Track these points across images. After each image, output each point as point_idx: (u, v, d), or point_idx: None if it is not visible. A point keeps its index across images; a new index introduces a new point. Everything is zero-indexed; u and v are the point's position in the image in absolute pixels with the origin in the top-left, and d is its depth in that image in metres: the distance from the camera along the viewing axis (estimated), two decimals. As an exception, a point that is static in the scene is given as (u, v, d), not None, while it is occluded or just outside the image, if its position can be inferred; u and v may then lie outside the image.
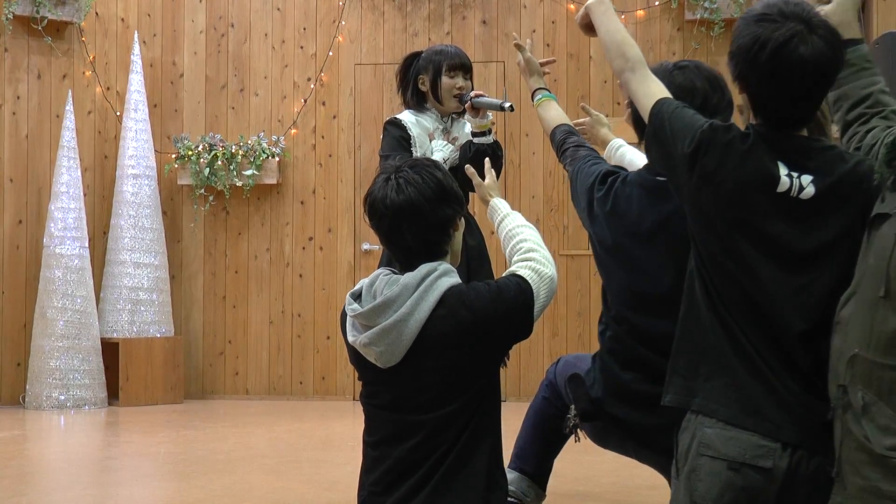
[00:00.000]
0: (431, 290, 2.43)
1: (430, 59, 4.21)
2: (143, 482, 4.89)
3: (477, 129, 4.10)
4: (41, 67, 7.81)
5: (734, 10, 7.63)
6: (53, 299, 7.35)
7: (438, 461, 2.44)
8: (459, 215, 2.56)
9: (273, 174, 8.02)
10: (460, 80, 4.16)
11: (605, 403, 2.92)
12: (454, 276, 2.50)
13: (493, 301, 2.45)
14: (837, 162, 2.34)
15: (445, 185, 2.52)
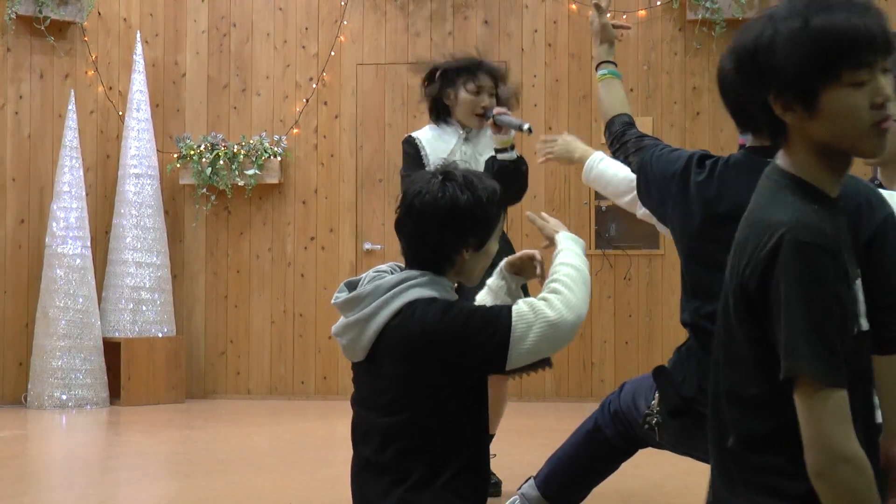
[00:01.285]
0: (397, 297, 2.37)
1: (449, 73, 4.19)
2: (144, 482, 4.89)
3: (499, 146, 4.10)
4: (43, 67, 7.82)
5: (735, 9, 7.63)
6: (55, 299, 7.35)
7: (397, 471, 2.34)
8: (466, 245, 2.41)
9: (275, 174, 8.03)
10: (485, 99, 4.16)
11: (697, 402, 2.67)
12: (430, 289, 2.38)
13: (446, 321, 2.30)
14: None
15: (462, 209, 2.38)
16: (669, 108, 7.91)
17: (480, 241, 2.44)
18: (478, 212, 2.41)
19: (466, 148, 4.21)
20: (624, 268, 7.87)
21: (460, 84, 4.15)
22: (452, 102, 4.18)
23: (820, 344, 1.76)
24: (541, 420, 6.81)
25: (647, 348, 7.84)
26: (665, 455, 5.23)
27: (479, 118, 4.16)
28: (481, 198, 2.41)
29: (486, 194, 2.42)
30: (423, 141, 4.18)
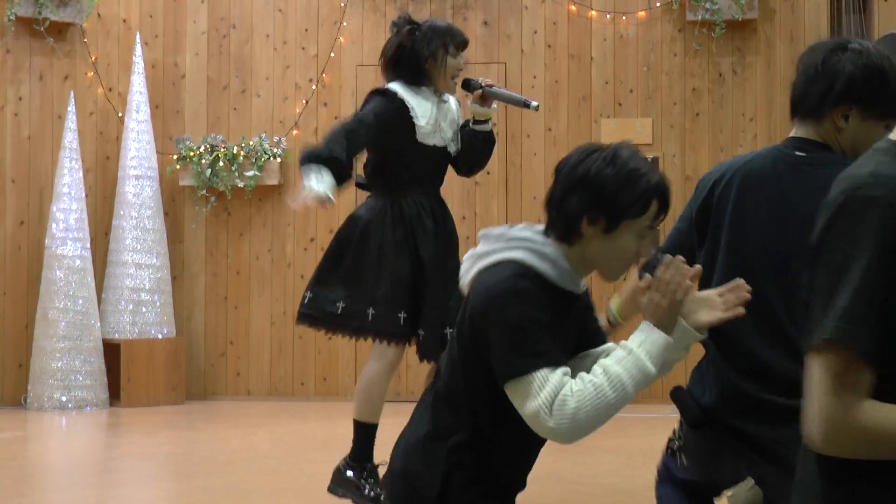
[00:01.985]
0: (502, 251, 2.25)
1: (430, 36, 3.96)
2: (144, 483, 4.89)
3: (481, 118, 4.04)
4: (43, 68, 7.82)
5: (735, 10, 7.63)
6: (55, 300, 7.35)
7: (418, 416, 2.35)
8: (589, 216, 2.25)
9: (275, 175, 8.03)
10: (461, 62, 4.05)
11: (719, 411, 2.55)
12: (531, 256, 2.22)
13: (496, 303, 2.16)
14: None
15: (594, 176, 2.29)
16: (669, 109, 7.91)
17: (607, 221, 2.26)
18: (609, 185, 2.28)
19: (440, 113, 4.01)
20: (624, 269, 7.87)
21: (446, 46, 3.95)
22: (432, 65, 3.94)
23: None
24: (541, 421, 6.80)
25: (647, 349, 7.83)
26: (665, 456, 5.23)
27: (454, 81, 4.03)
28: (621, 175, 2.29)
29: (628, 173, 2.30)
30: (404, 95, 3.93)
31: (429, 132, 3.98)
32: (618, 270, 2.36)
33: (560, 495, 4.29)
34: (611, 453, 5.42)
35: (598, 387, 2.11)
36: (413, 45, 3.97)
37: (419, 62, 3.96)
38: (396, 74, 4.00)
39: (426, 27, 4.03)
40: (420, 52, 3.96)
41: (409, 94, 3.98)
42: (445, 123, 4.06)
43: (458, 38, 4.03)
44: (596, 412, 2.10)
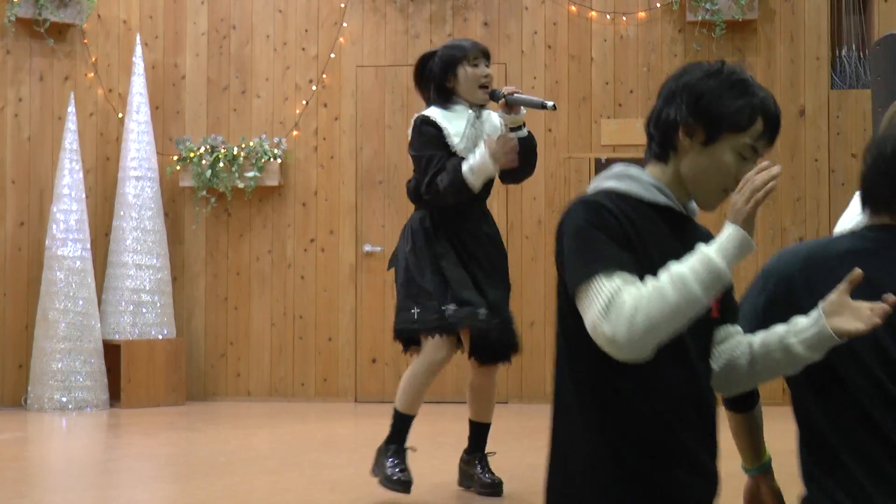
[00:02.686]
0: (596, 183, 2.16)
1: (446, 54, 4.20)
2: (144, 484, 4.89)
3: (512, 125, 4.11)
4: (43, 69, 7.82)
5: (735, 11, 7.63)
6: (55, 301, 7.35)
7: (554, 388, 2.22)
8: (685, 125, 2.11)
9: (275, 176, 8.03)
10: (485, 69, 4.17)
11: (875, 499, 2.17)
12: (617, 181, 2.13)
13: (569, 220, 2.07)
14: None
15: (691, 82, 2.13)
16: (669, 110, 7.90)
17: (706, 131, 2.11)
18: (711, 92, 2.11)
19: (477, 126, 4.20)
20: (624, 269, 7.86)
21: (459, 63, 4.15)
22: (455, 83, 4.17)
23: None
24: (542, 421, 6.78)
25: (648, 350, 7.83)
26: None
27: (483, 91, 4.16)
28: (725, 83, 2.12)
29: (733, 83, 2.12)
30: (440, 119, 4.16)
31: (464, 148, 4.14)
32: (714, 194, 2.16)
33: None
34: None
35: (657, 287, 1.94)
36: (433, 70, 4.21)
37: (443, 84, 4.18)
38: (430, 101, 4.26)
39: (440, 49, 4.28)
40: (440, 75, 4.19)
41: (443, 115, 4.18)
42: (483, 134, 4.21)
43: (473, 48, 4.18)
44: (656, 315, 1.91)
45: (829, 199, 7.77)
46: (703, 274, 1.96)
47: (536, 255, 7.92)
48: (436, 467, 4.96)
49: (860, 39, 7.93)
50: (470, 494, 4.38)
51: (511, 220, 7.95)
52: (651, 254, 2.05)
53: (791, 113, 7.83)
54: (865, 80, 7.79)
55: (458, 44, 4.26)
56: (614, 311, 1.93)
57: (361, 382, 8.03)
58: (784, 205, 7.81)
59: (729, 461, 4.96)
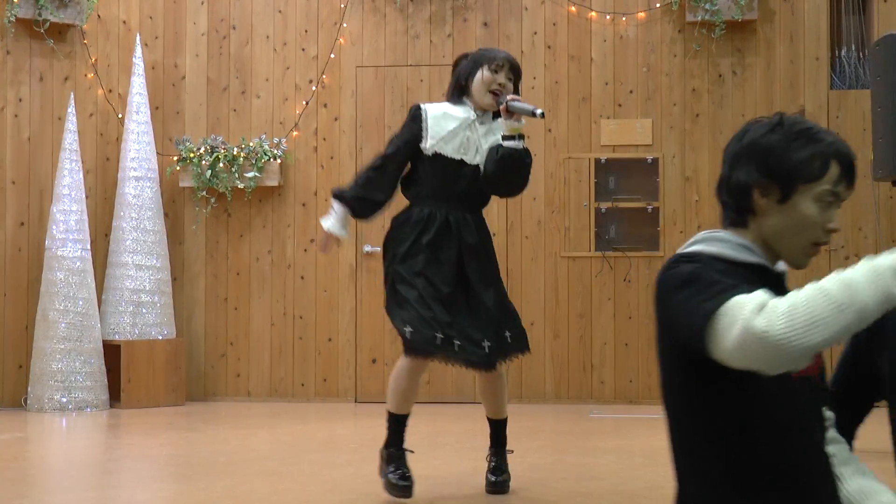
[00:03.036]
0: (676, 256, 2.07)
1: (475, 56, 4.26)
2: (144, 484, 4.89)
3: (508, 133, 4.09)
4: (43, 70, 7.82)
5: (735, 11, 7.63)
6: (55, 301, 7.35)
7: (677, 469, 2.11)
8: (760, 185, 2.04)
9: (275, 176, 8.03)
10: (502, 78, 4.17)
11: None
12: (705, 245, 2.05)
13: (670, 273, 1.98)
14: None
15: (758, 142, 2.05)
16: (669, 111, 7.91)
17: (781, 189, 2.03)
18: (777, 146, 2.04)
19: (474, 130, 4.19)
20: (624, 270, 7.87)
21: (481, 64, 4.19)
22: (470, 82, 4.19)
23: None
24: (541, 422, 6.81)
25: (647, 350, 7.84)
26: (664, 457, 5.23)
27: (492, 96, 4.16)
28: (790, 134, 2.05)
29: (798, 133, 2.05)
30: (429, 113, 4.19)
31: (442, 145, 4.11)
32: (804, 249, 2.08)
33: (560, 496, 4.29)
34: (611, 454, 5.43)
35: (818, 287, 1.82)
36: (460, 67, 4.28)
37: (460, 81, 4.25)
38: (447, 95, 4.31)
39: (473, 52, 4.34)
40: (462, 72, 4.25)
41: (442, 111, 4.21)
42: (486, 144, 4.19)
43: (501, 58, 4.21)
44: (818, 311, 1.77)
45: (829, 199, 7.76)
46: (871, 275, 1.81)
47: (536, 255, 7.92)
48: (436, 467, 4.96)
49: (860, 40, 7.94)
50: (470, 493, 4.38)
51: (511, 220, 7.95)
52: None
53: (790, 113, 7.83)
54: (865, 81, 7.79)
55: (491, 50, 4.32)
56: (769, 309, 1.79)
57: (361, 383, 8.03)
58: (784, 205, 7.80)
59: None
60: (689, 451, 2.06)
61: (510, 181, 4.19)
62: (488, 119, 4.22)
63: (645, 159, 7.92)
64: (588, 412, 7.34)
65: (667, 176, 7.89)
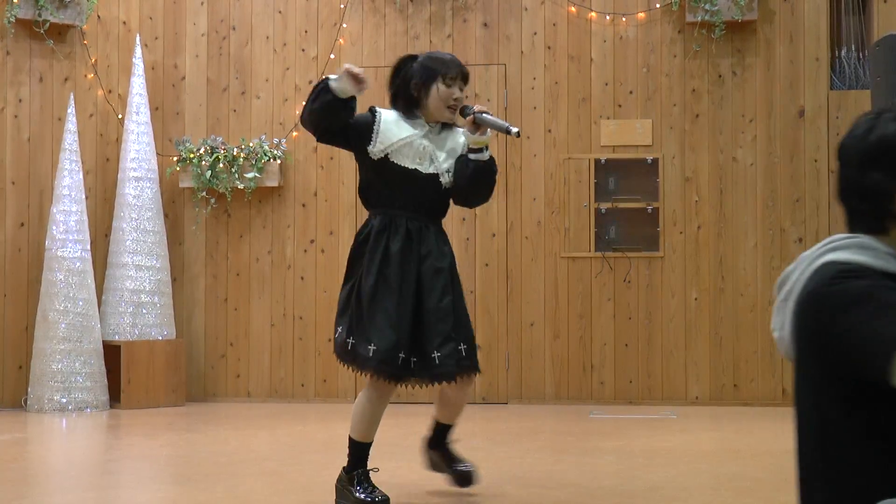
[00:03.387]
0: (813, 263, 1.93)
1: (426, 65, 4.08)
2: (144, 485, 4.89)
3: (474, 146, 4.03)
4: (43, 70, 7.82)
5: (735, 12, 7.63)
6: (55, 302, 7.35)
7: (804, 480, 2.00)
8: None
9: (274, 177, 8.03)
10: (457, 91, 4.06)
11: None
12: (851, 253, 1.90)
13: (838, 287, 1.84)
14: None
15: (892, 140, 1.90)
16: (669, 111, 7.91)
17: None
18: None
19: (429, 139, 4.09)
20: (624, 270, 7.87)
21: (437, 76, 4.03)
22: (423, 94, 4.05)
23: None
24: (541, 422, 6.81)
25: (647, 350, 7.84)
26: (664, 457, 5.23)
27: (451, 111, 4.06)
28: None
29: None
30: (383, 117, 4.10)
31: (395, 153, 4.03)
32: None
33: (561, 496, 4.29)
34: (611, 454, 5.43)
35: None
36: (408, 75, 4.12)
37: (410, 92, 4.09)
38: (395, 105, 4.17)
39: (422, 58, 4.14)
40: (410, 83, 4.09)
41: (394, 118, 4.11)
42: (442, 153, 4.09)
43: (454, 69, 4.06)
44: None
45: (829, 200, 7.77)
46: None
47: (536, 256, 7.92)
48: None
49: (859, 40, 7.94)
50: (468, 493, 4.37)
51: (511, 220, 7.95)
52: None
53: (790, 114, 7.84)
54: (865, 81, 7.79)
55: (441, 58, 4.12)
56: None
57: (361, 383, 8.01)
58: (783, 206, 7.81)
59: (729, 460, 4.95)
60: (834, 459, 1.93)
61: (480, 193, 4.16)
62: (437, 131, 4.13)
63: (645, 160, 7.92)
64: (588, 413, 7.34)
65: (667, 176, 7.89)
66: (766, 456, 5.30)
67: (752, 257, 7.82)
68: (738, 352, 7.79)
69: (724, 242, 7.85)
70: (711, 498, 4.18)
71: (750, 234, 7.83)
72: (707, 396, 7.79)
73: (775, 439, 5.86)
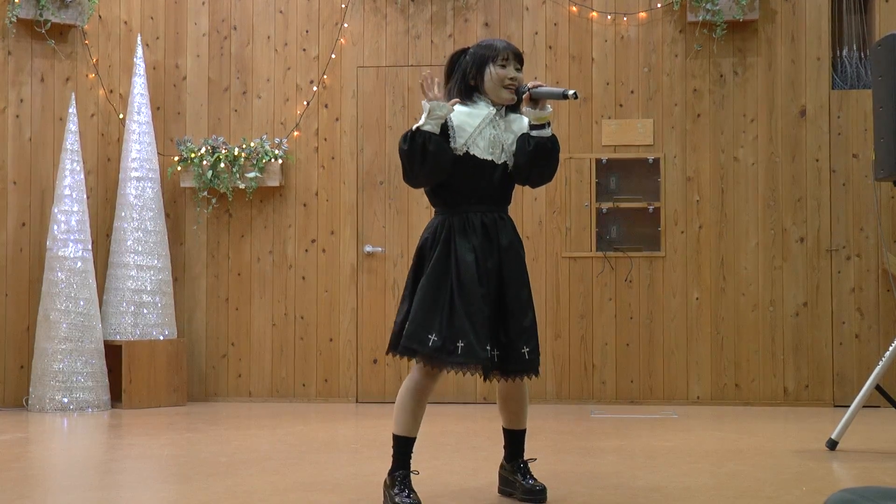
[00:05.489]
0: None
1: (476, 53, 4.09)
2: (145, 485, 4.89)
3: (536, 122, 4.03)
4: (44, 70, 7.83)
5: (736, 11, 7.63)
6: (56, 302, 7.36)
7: None
8: None
9: (275, 176, 8.03)
10: (512, 71, 4.08)
11: None
12: None
13: None
14: None
15: None
16: (670, 111, 7.91)
17: None
18: None
19: (497, 127, 4.10)
20: (625, 270, 7.87)
21: (487, 61, 4.05)
22: (479, 81, 4.06)
23: None
24: (542, 422, 6.81)
25: (648, 350, 7.84)
26: (665, 457, 5.23)
27: (508, 91, 4.06)
28: None
29: None
30: (451, 118, 4.03)
31: (472, 145, 4.01)
32: None
33: (561, 496, 4.29)
34: (612, 454, 5.43)
35: None
36: (461, 66, 4.11)
37: (468, 82, 4.07)
38: (455, 95, 4.11)
39: (472, 48, 4.15)
40: (466, 71, 4.08)
41: (460, 109, 4.05)
42: (511, 137, 4.07)
43: (504, 49, 4.06)
44: None
45: (830, 199, 7.77)
46: None
47: (537, 256, 7.92)
48: (437, 467, 4.96)
49: (861, 39, 7.93)
50: (472, 494, 4.38)
51: (513, 220, 7.94)
52: None
53: (792, 113, 7.83)
54: (866, 81, 7.79)
55: (491, 43, 4.12)
56: None
57: (363, 383, 8.03)
58: (785, 205, 7.80)
59: (730, 460, 4.94)
60: None
61: (543, 171, 4.12)
62: (502, 114, 4.14)
63: (646, 159, 7.92)
64: (589, 412, 7.34)
65: (668, 176, 7.89)
66: (768, 456, 5.30)
67: (753, 257, 7.82)
68: (740, 351, 7.79)
69: (725, 242, 7.84)
70: (713, 498, 4.18)
71: (751, 233, 7.83)
72: (708, 396, 7.79)
73: (777, 439, 5.86)
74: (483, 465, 5.10)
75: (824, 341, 7.73)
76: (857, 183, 7.75)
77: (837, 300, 7.72)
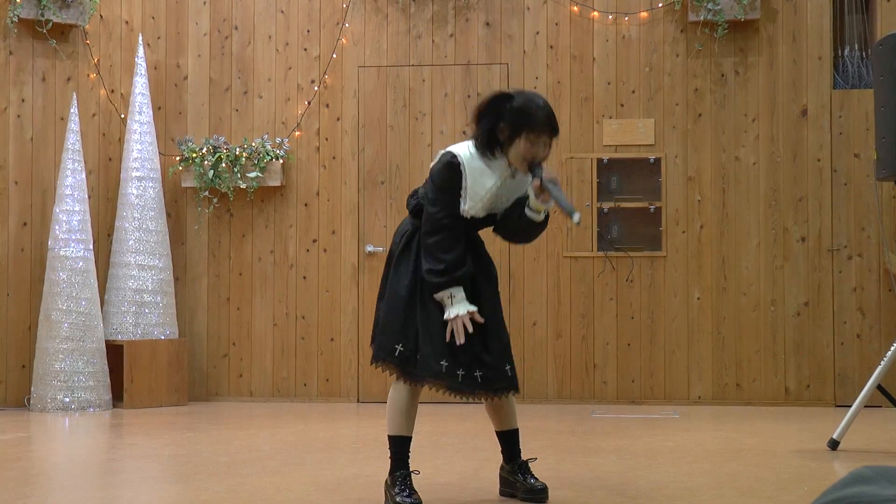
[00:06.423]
0: None
1: (516, 115, 3.93)
2: (147, 484, 4.89)
3: (535, 208, 3.98)
4: (46, 70, 7.83)
5: (737, 11, 7.63)
6: (58, 301, 7.36)
7: None
8: None
9: (277, 176, 8.03)
10: (541, 152, 3.91)
11: None
12: None
13: None
14: None
15: None
16: (671, 110, 7.91)
17: None
18: None
19: (505, 186, 4.06)
20: (626, 269, 7.87)
21: (522, 130, 3.91)
22: (506, 141, 3.94)
23: None
24: (543, 422, 6.81)
25: (650, 350, 7.84)
26: (666, 457, 5.23)
27: (527, 164, 4.00)
28: None
29: None
30: (468, 170, 3.96)
31: (481, 208, 3.98)
32: None
33: (562, 496, 4.29)
34: (613, 454, 5.43)
35: None
36: (500, 116, 3.95)
37: (496, 134, 3.95)
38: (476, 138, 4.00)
39: (516, 103, 3.96)
40: (499, 125, 3.95)
41: (477, 165, 3.97)
42: (509, 195, 4.06)
43: (544, 126, 3.91)
44: None
45: (832, 199, 7.77)
46: None
47: (538, 256, 7.92)
48: (437, 467, 4.96)
49: (862, 39, 7.93)
50: (473, 494, 4.38)
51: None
52: None
53: (793, 113, 7.83)
54: (868, 80, 7.79)
55: (533, 113, 3.93)
56: None
57: (364, 383, 8.04)
58: (786, 205, 7.80)
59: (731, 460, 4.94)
60: None
61: (523, 240, 4.21)
62: (512, 172, 4.06)
63: (647, 159, 7.92)
64: (590, 412, 7.34)
65: (669, 176, 7.89)
66: (769, 455, 5.30)
67: (754, 257, 7.81)
68: (741, 351, 7.78)
69: (726, 242, 7.84)
70: (714, 497, 4.18)
71: (752, 233, 7.82)
72: (709, 396, 7.78)
73: (778, 439, 5.86)
74: (484, 465, 5.10)
75: (825, 341, 7.73)
76: (859, 183, 7.75)
77: (839, 300, 7.72)
